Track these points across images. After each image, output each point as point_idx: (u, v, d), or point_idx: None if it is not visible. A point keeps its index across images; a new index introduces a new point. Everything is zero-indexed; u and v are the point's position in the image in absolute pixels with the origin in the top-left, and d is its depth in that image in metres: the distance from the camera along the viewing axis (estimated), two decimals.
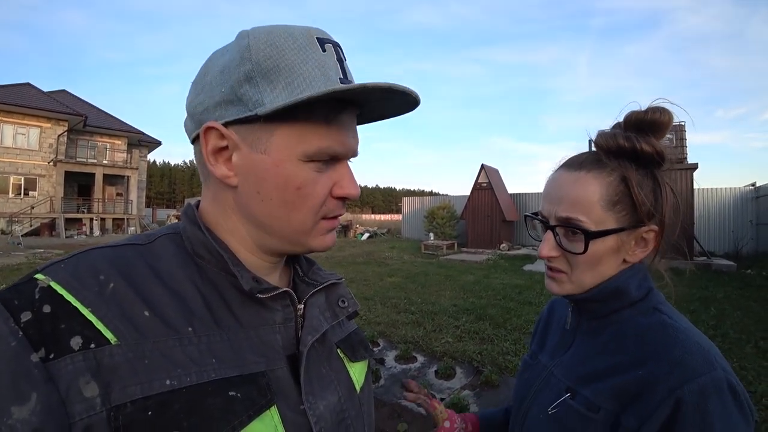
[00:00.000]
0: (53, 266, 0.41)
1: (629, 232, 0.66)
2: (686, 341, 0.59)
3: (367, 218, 33.17)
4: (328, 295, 0.58)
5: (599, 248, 0.65)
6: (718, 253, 12.71)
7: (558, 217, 0.68)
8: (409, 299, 6.58)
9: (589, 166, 0.67)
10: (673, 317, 0.64)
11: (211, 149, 0.46)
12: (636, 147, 0.65)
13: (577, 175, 0.67)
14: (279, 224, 0.48)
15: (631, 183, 0.64)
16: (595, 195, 0.65)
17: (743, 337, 4.67)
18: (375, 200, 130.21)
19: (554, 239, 0.69)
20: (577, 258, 0.67)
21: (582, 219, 0.65)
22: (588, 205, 0.65)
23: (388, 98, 0.47)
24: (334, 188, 0.48)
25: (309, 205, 0.47)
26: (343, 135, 0.47)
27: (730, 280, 8.40)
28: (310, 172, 0.46)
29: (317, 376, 0.50)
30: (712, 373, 0.55)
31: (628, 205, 0.65)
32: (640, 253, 0.68)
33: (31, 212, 20.64)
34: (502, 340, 4.59)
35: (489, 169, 15.07)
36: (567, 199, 0.67)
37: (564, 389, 0.68)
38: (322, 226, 0.50)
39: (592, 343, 0.70)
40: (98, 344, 0.37)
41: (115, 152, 24.81)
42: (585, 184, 0.66)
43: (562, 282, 0.70)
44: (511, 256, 12.67)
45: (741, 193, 13.47)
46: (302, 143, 0.45)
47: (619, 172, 0.65)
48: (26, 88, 22.24)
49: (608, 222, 0.65)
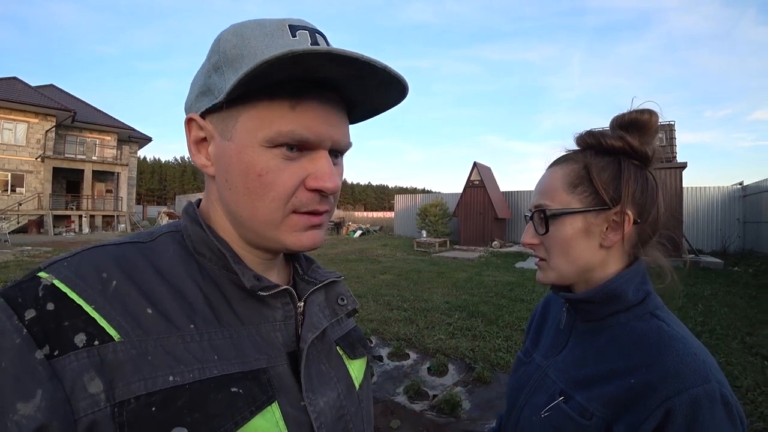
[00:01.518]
0: (56, 264, 0.41)
1: (596, 214, 0.68)
2: (682, 350, 0.58)
3: (360, 215, 33.16)
4: (328, 293, 0.58)
5: (567, 229, 0.70)
6: (706, 250, 12.92)
7: (533, 205, 0.75)
8: (401, 296, 6.60)
9: (559, 160, 0.75)
10: (671, 324, 0.64)
11: (193, 140, 0.49)
12: (600, 141, 0.70)
13: (553, 169, 0.75)
14: (247, 214, 0.47)
15: (591, 168, 0.69)
16: (558, 181, 0.72)
17: (730, 333, 4.76)
18: (367, 197, 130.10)
19: (533, 227, 0.75)
20: (551, 242, 0.71)
21: (547, 203, 0.72)
22: (553, 190, 0.72)
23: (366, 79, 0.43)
24: (307, 180, 0.45)
25: (273, 194, 0.45)
26: (311, 119, 0.44)
27: (717, 277, 8.54)
28: (275, 159, 0.44)
29: (317, 373, 0.51)
30: (706, 386, 0.54)
31: (589, 188, 0.69)
32: (613, 237, 0.68)
33: (18, 209, 20.31)
34: (494, 336, 4.63)
35: (481, 167, 15.12)
36: (541, 190, 0.74)
37: (558, 392, 0.69)
38: (294, 220, 0.46)
39: (587, 346, 0.70)
40: (102, 341, 0.37)
41: (105, 148, 24.49)
42: (553, 175, 0.73)
43: (544, 269, 0.74)
44: (503, 254, 12.74)
45: (729, 192, 13.68)
46: (263, 128, 0.43)
47: (580, 160, 0.71)
48: (13, 83, 21.82)
49: (572, 203, 0.70)
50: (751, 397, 3.14)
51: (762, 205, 11.78)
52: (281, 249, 0.50)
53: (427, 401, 3.22)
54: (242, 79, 0.39)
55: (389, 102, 0.50)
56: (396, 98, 0.49)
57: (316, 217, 0.48)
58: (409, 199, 21.24)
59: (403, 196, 21.71)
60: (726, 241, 12.90)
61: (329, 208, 0.49)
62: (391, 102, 0.50)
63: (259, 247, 0.50)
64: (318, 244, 0.50)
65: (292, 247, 0.48)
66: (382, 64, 0.41)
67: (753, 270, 9.23)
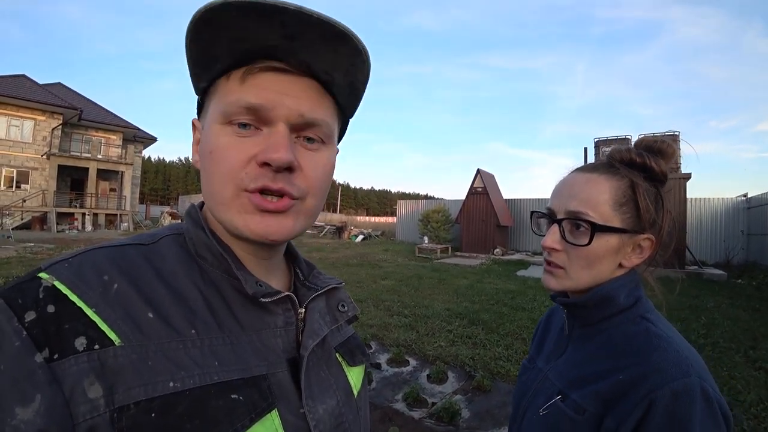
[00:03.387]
0: (57, 265, 0.41)
1: (630, 236, 0.70)
2: (666, 348, 0.62)
3: (362, 220, 33.12)
4: (329, 299, 0.57)
5: (601, 246, 0.69)
6: (710, 262, 12.85)
7: (567, 210, 0.71)
8: (402, 302, 6.57)
9: (603, 170, 0.72)
10: (659, 325, 0.67)
11: (194, 141, 0.52)
12: (647, 163, 0.71)
13: (590, 176, 0.72)
14: (207, 196, 0.47)
15: (639, 189, 0.69)
16: (605, 194, 0.70)
17: (733, 346, 4.72)
18: (370, 202, 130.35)
19: (560, 232, 0.72)
20: (578, 253, 0.70)
21: (591, 213, 0.69)
22: (597, 202, 0.69)
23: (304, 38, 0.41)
24: (258, 154, 0.43)
25: (221, 170, 0.43)
26: (261, 88, 0.43)
27: (720, 289, 8.48)
28: (227, 136, 0.44)
29: (317, 380, 0.50)
30: (686, 379, 0.57)
31: (633, 209, 0.69)
32: (636, 259, 0.71)
33: (23, 205, 20.41)
34: (495, 345, 4.60)
35: (484, 174, 15.13)
36: (578, 196, 0.71)
37: (556, 392, 0.72)
38: (245, 199, 0.43)
39: (583, 350, 0.74)
40: (102, 345, 0.36)
41: (110, 147, 24.61)
42: (597, 184, 0.71)
43: (559, 277, 0.74)
44: (504, 261, 12.71)
45: (733, 204, 13.63)
46: (218, 105, 0.45)
47: (629, 178, 0.70)
48: (21, 80, 22.01)
49: (614, 221, 0.69)
50: (755, 412, 3.09)
51: (766, 217, 11.71)
52: (239, 235, 0.46)
53: (426, 409, 3.20)
54: (189, 64, 0.43)
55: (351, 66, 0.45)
56: (354, 58, 0.44)
57: (269, 202, 0.44)
58: (411, 204, 21.25)
59: (406, 202, 21.73)
60: (730, 253, 12.82)
61: (291, 190, 0.44)
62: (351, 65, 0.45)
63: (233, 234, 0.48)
64: (275, 235, 0.45)
65: (244, 232, 0.44)
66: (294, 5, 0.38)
67: (757, 282, 9.16)
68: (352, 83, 0.48)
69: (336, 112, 0.50)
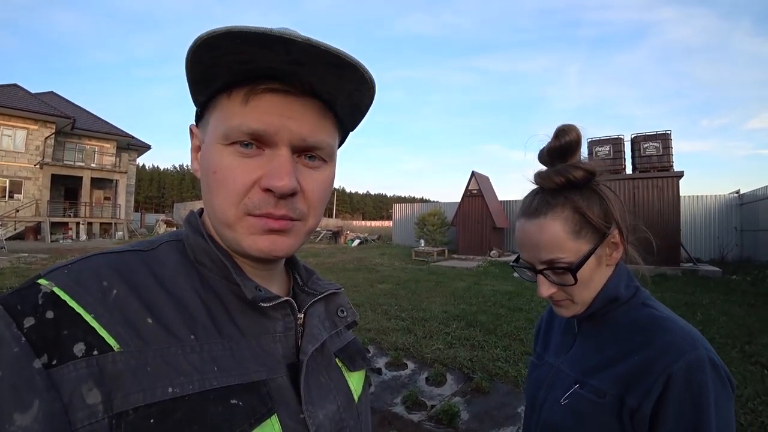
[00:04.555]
0: (56, 271, 0.41)
1: (602, 246, 0.74)
2: (672, 327, 0.69)
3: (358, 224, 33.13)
4: (328, 304, 0.57)
5: (586, 270, 0.74)
6: (704, 259, 12.92)
7: (542, 261, 0.75)
8: (399, 306, 6.56)
9: (544, 210, 0.75)
10: (660, 309, 0.74)
11: (192, 147, 0.52)
12: (570, 178, 0.73)
13: (538, 222, 0.75)
14: (210, 212, 0.48)
15: (582, 208, 0.73)
16: (560, 232, 0.73)
17: (729, 341, 4.75)
18: (366, 206, 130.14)
19: (546, 280, 0.76)
20: (572, 287, 0.75)
21: (561, 257, 0.73)
22: (559, 243, 0.73)
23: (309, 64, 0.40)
24: (261, 178, 0.43)
25: (225, 192, 0.44)
26: (263, 112, 0.43)
27: (715, 285, 8.53)
28: (230, 156, 0.44)
29: (316, 385, 0.50)
30: (696, 352, 0.64)
31: (590, 227, 0.73)
32: (616, 255, 0.77)
33: (16, 215, 20.23)
34: (493, 346, 4.60)
35: (479, 176, 15.17)
36: (541, 246, 0.74)
37: (572, 382, 0.77)
38: (250, 222, 0.44)
39: (593, 341, 0.79)
40: (101, 351, 0.36)
41: (104, 155, 24.50)
42: (549, 228, 0.73)
43: (568, 307, 0.78)
44: (501, 263, 12.71)
45: (726, 201, 13.74)
46: (219, 126, 0.45)
47: (569, 205, 0.73)
48: (13, 89, 21.87)
49: (582, 247, 0.73)
50: (751, 407, 3.11)
51: (759, 213, 11.83)
52: (244, 254, 0.47)
53: (425, 411, 3.19)
54: (189, 82, 0.44)
55: (356, 90, 0.45)
56: (358, 84, 0.44)
57: (275, 221, 0.44)
58: (407, 208, 21.26)
59: (402, 205, 21.73)
60: (724, 250, 12.92)
61: (292, 214, 0.45)
62: (356, 90, 0.45)
63: (236, 251, 0.49)
64: (281, 252, 0.46)
65: (250, 251, 0.45)
66: (302, 36, 0.38)
67: (751, 278, 9.23)
68: (356, 105, 0.48)
69: (337, 129, 0.50)
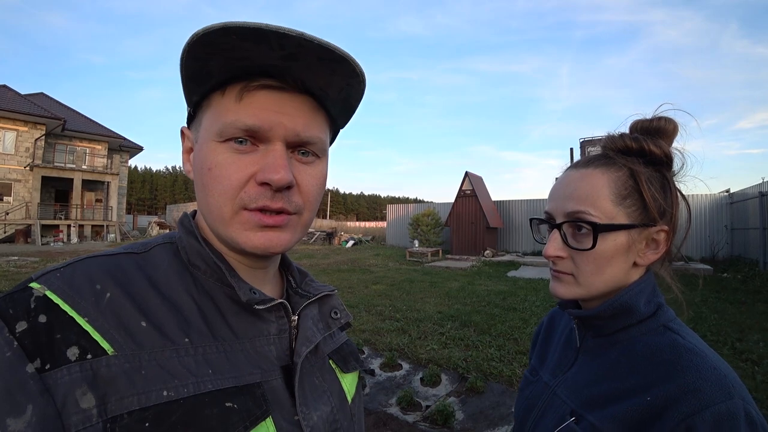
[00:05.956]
0: (49, 274, 0.41)
1: (640, 231, 0.63)
2: (700, 364, 0.54)
3: (352, 225, 33.04)
4: (321, 306, 0.57)
5: (609, 246, 0.62)
6: (696, 257, 13.06)
7: (566, 212, 0.65)
8: (394, 306, 6.56)
9: (598, 162, 0.65)
10: (686, 337, 0.59)
11: (184, 149, 0.52)
12: (644, 147, 0.63)
13: (584, 171, 0.65)
14: (205, 211, 0.48)
15: (640, 178, 0.62)
16: (604, 189, 0.62)
17: (720, 339, 4.80)
18: (360, 207, 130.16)
19: (561, 238, 0.66)
20: (585, 257, 0.63)
21: (591, 212, 0.62)
22: (597, 198, 0.62)
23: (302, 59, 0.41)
24: (257, 173, 0.44)
25: (220, 188, 0.44)
26: (257, 108, 0.43)
27: (706, 283, 8.62)
28: (225, 153, 0.44)
29: (311, 387, 0.50)
30: (728, 402, 0.49)
31: (638, 201, 0.63)
32: (651, 255, 0.64)
33: (6, 218, 19.97)
34: (487, 346, 4.61)
35: (473, 177, 15.22)
36: (575, 195, 0.64)
37: (568, 412, 0.64)
38: (245, 217, 0.44)
39: (597, 363, 0.66)
40: (95, 355, 0.36)
41: (95, 157, 24.28)
42: (593, 179, 0.64)
43: (568, 283, 0.66)
44: (495, 263, 12.78)
45: (716, 200, 13.88)
46: (215, 123, 0.44)
47: (627, 167, 0.63)
48: (2, 90, 21.60)
49: (618, 217, 0.62)
50: None
51: (748, 211, 11.96)
52: (239, 249, 0.47)
53: (419, 412, 3.19)
54: (183, 79, 0.44)
55: (347, 85, 0.46)
56: (349, 78, 0.44)
57: (269, 217, 0.44)
58: (401, 209, 21.26)
59: (396, 206, 21.72)
60: (715, 248, 13.06)
61: (288, 207, 0.45)
62: (347, 84, 0.45)
63: (232, 249, 0.49)
64: (276, 248, 0.46)
65: (245, 247, 0.45)
66: (296, 31, 0.38)
67: (742, 276, 9.36)
68: (346, 100, 0.49)
69: (328, 125, 0.51)
